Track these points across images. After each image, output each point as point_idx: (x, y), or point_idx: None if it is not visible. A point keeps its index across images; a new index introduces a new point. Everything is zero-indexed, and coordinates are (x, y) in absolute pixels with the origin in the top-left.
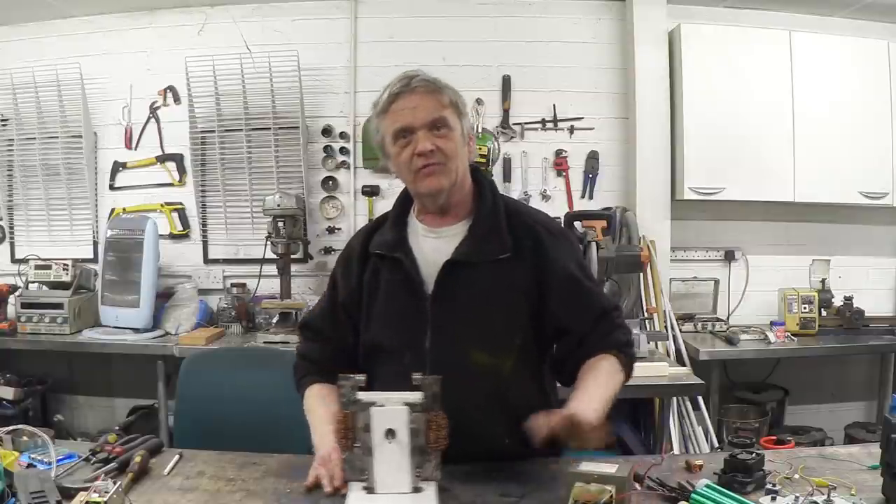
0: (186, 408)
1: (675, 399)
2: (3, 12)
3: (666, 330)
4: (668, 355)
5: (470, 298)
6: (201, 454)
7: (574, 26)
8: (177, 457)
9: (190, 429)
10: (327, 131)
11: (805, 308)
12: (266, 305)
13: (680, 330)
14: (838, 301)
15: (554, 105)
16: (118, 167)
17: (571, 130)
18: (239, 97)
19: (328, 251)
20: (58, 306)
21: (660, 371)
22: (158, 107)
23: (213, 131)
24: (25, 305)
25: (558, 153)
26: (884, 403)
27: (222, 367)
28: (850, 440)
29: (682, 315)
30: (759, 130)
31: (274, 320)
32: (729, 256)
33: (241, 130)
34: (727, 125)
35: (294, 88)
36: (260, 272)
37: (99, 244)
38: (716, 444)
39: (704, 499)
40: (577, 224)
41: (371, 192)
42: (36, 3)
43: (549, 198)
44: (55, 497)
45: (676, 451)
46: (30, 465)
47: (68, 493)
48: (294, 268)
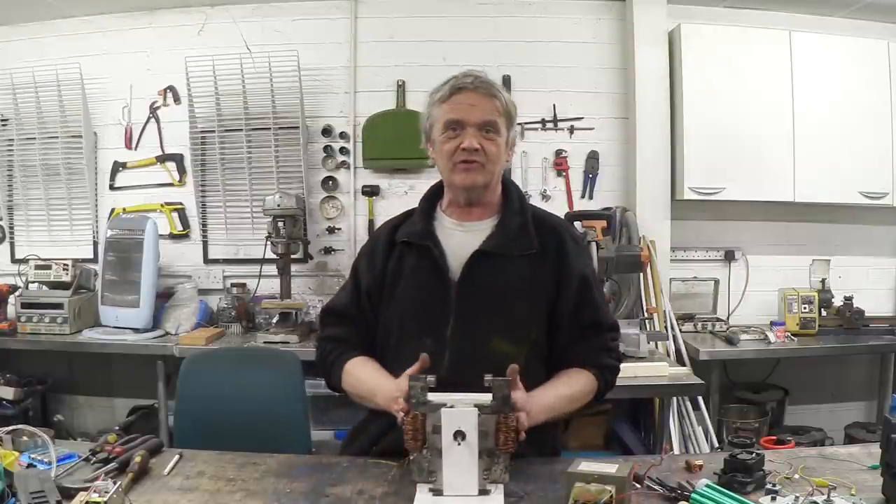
0: (186, 408)
1: (675, 399)
2: (3, 12)
3: (666, 330)
4: (668, 355)
5: (494, 289)
6: (201, 454)
7: (574, 26)
8: (177, 457)
9: (190, 429)
10: (327, 131)
11: (805, 308)
12: (266, 305)
13: (680, 330)
14: (838, 301)
15: (554, 105)
16: (118, 167)
17: (571, 130)
18: (239, 97)
19: (328, 251)
20: (58, 306)
21: (660, 371)
22: (158, 107)
23: (213, 131)
24: (25, 305)
25: (558, 153)
26: (884, 403)
27: (222, 367)
28: (850, 440)
29: (682, 315)
30: (759, 130)
31: (274, 320)
32: (729, 256)
33: (241, 130)
34: (727, 125)
35: (294, 88)
36: (260, 272)
37: (99, 244)
38: (716, 444)
39: (704, 499)
40: (577, 224)
41: (371, 192)
42: (36, 3)
43: (549, 198)
44: (55, 497)
45: (676, 451)
46: (30, 465)
47: (68, 493)
48: (294, 268)
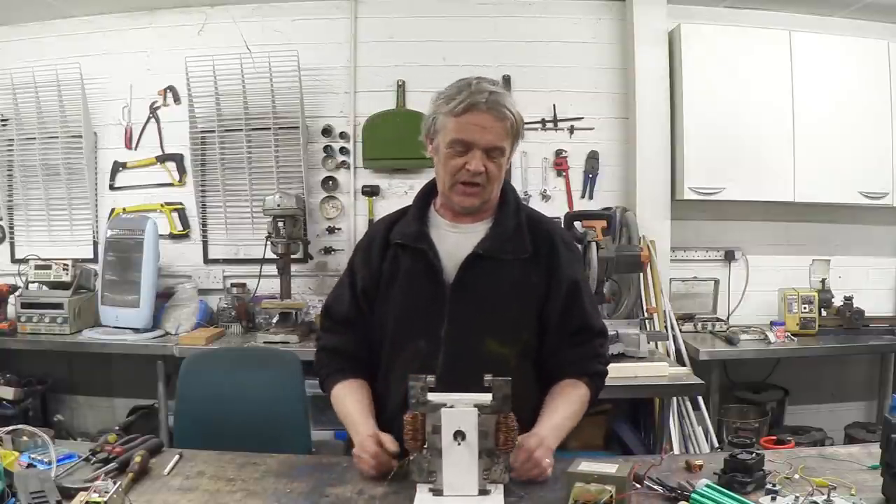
0: (186, 408)
1: (675, 399)
2: (3, 12)
3: (666, 330)
4: (668, 355)
5: (488, 291)
6: (201, 454)
7: (574, 26)
8: (177, 457)
9: (190, 429)
10: (327, 131)
11: (805, 308)
12: (266, 305)
13: (680, 330)
14: (838, 301)
15: (554, 105)
16: (118, 167)
17: (571, 130)
18: (239, 97)
19: (328, 251)
20: (58, 306)
21: (660, 371)
22: (158, 107)
23: (213, 131)
24: (25, 305)
25: (558, 153)
26: (884, 403)
27: (222, 367)
28: (850, 440)
29: (682, 315)
30: (759, 130)
31: (274, 320)
32: (729, 256)
33: (241, 130)
34: (727, 125)
35: (294, 88)
36: (260, 272)
37: (99, 244)
38: (716, 444)
39: (704, 499)
40: (577, 224)
41: (371, 192)
42: (36, 3)
43: (549, 198)
44: (55, 497)
45: (676, 451)
46: (30, 465)
47: (68, 493)
48: (294, 268)
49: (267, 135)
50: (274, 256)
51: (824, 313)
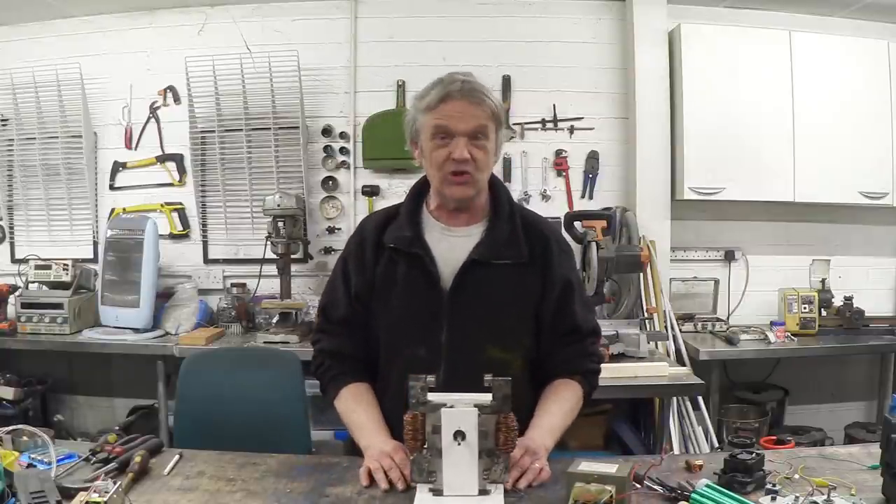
0: (186, 408)
1: (675, 399)
2: (3, 12)
3: (666, 330)
4: (668, 355)
5: (486, 296)
6: (201, 454)
7: (574, 26)
8: (177, 457)
9: (190, 429)
10: (327, 131)
11: (805, 308)
12: (266, 305)
13: (680, 330)
14: (838, 301)
15: (554, 105)
16: (118, 167)
17: (571, 130)
18: (239, 97)
19: (328, 251)
20: (58, 306)
21: (660, 371)
22: (158, 107)
23: (213, 131)
24: (25, 305)
25: (558, 153)
26: (884, 403)
27: (222, 367)
28: (850, 440)
29: (682, 315)
30: (759, 130)
31: (274, 320)
32: (729, 256)
33: (241, 130)
34: (727, 125)
35: (294, 88)
36: (260, 272)
37: (99, 244)
38: (716, 444)
39: (704, 499)
40: (577, 224)
41: (371, 192)
42: (36, 3)
43: (549, 198)
44: (55, 497)
45: (676, 451)
46: (30, 465)
47: (68, 493)
48: (294, 268)
49: (267, 135)
50: (274, 256)
51: (824, 313)
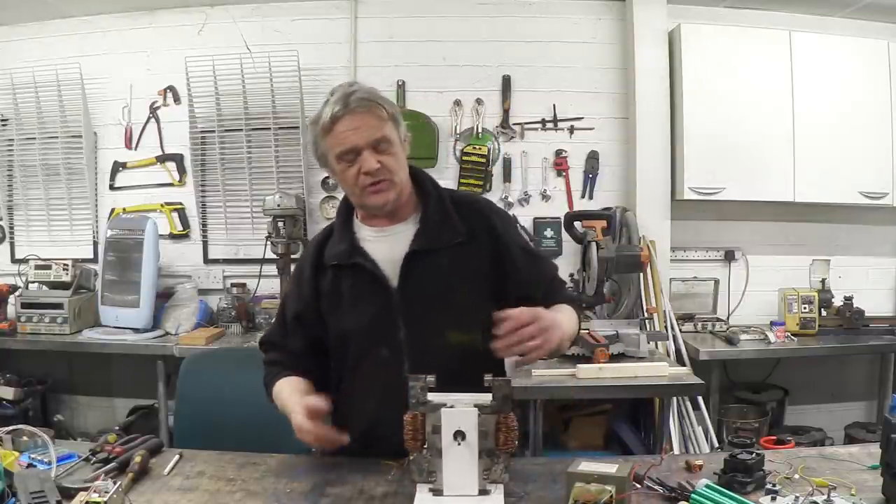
0: (186, 408)
1: (675, 399)
2: (3, 12)
3: (666, 330)
4: (668, 355)
5: (435, 284)
6: (201, 454)
7: (574, 26)
8: (177, 457)
9: (190, 429)
10: None
11: (805, 308)
12: (266, 305)
13: (680, 330)
14: (838, 301)
15: (554, 105)
16: (118, 167)
17: (571, 130)
18: (239, 97)
19: None
20: (58, 306)
21: (660, 371)
22: (158, 107)
23: (213, 131)
24: (25, 305)
25: (558, 153)
26: (884, 403)
27: (222, 368)
28: (850, 440)
29: (682, 315)
30: (759, 130)
31: (274, 320)
32: (729, 256)
33: (241, 130)
34: (727, 125)
35: (294, 88)
36: (260, 272)
37: (99, 244)
38: (716, 444)
39: (704, 499)
40: (577, 224)
41: None
42: (36, 3)
43: (549, 198)
44: (55, 497)
45: (676, 451)
46: (30, 465)
47: (68, 493)
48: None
49: (267, 135)
50: (274, 256)
51: (824, 313)
